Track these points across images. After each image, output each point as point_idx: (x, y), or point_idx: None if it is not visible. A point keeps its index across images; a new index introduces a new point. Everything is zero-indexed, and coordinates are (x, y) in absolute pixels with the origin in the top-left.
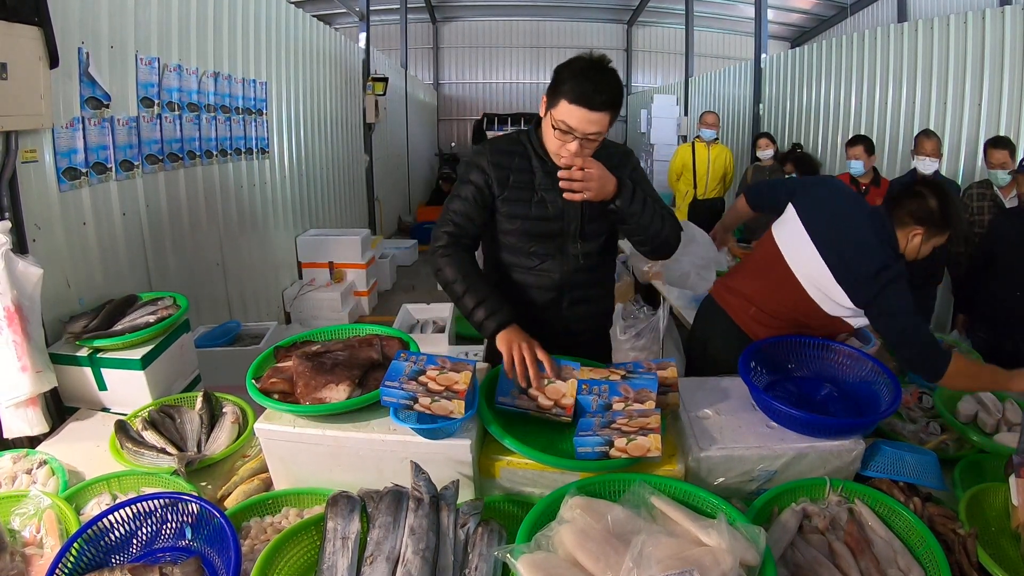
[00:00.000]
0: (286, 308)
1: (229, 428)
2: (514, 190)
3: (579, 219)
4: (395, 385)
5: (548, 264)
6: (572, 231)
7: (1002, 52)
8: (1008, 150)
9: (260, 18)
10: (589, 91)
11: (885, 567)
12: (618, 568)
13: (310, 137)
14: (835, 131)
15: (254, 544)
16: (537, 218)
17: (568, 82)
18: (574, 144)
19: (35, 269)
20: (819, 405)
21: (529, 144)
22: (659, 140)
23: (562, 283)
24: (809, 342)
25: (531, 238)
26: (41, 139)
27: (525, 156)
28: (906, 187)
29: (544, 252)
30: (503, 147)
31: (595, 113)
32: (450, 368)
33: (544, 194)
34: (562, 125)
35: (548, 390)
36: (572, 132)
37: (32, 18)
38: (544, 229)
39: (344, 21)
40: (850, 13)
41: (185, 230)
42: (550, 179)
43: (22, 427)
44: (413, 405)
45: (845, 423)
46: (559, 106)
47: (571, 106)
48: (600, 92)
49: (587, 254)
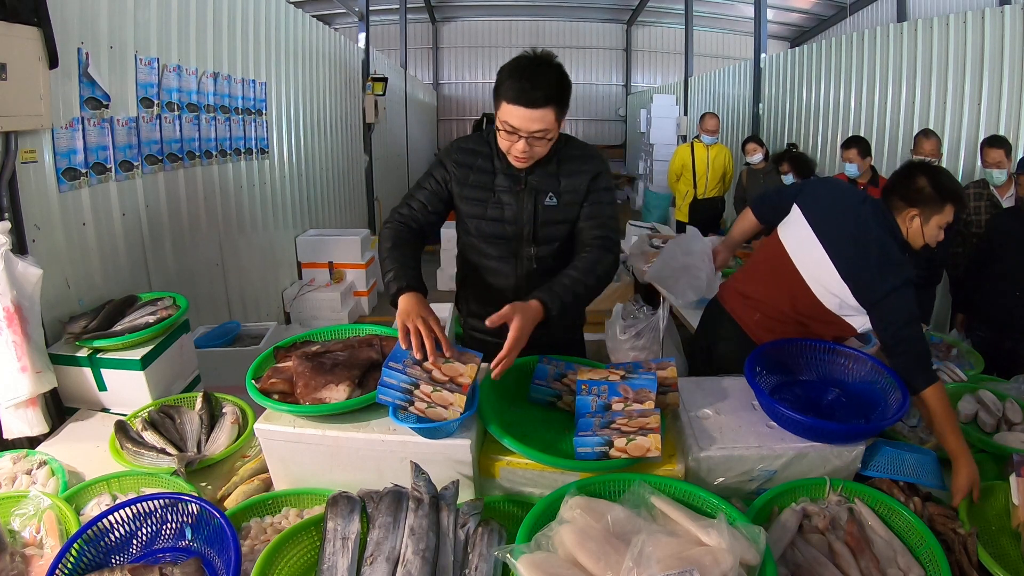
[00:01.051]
0: (286, 308)
1: (229, 428)
2: (472, 189)
3: (532, 223)
4: (399, 368)
5: (503, 266)
6: (526, 234)
7: (1002, 52)
8: (1003, 149)
9: (260, 18)
10: (526, 88)
11: (885, 567)
12: (618, 568)
13: (310, 137)
14: (835, 131)
15: (254, 544)
16: (492, 219)
17: (506, 81)
18: (521, 143)
19: (35, 270)
20: (825, 410)
21: (492, 145)
22: (658, 140)
23: (517, 286)
24: (816, 345)
25: (486, 239)
26: (41, 140)
27: (488, 157)
28: (896, 172)
29: (499, 254)
30: (468, 146)
31: (535, 111)
32: (456, 358)
33: (501, 196)
34: (506, 126)
35: (445, 368)
36: (517, 132)
37: (32, 18)
38: (499, 231)
39: (344, 21)
40: (850, 13)
41: (185, 230)
42: (509, 181)
43: (22, 428)
44: (413, 391)
45: (852, 429)
46: (501, 107)
47: (510, 106)
48: (537, 88)
49: (541, 258)
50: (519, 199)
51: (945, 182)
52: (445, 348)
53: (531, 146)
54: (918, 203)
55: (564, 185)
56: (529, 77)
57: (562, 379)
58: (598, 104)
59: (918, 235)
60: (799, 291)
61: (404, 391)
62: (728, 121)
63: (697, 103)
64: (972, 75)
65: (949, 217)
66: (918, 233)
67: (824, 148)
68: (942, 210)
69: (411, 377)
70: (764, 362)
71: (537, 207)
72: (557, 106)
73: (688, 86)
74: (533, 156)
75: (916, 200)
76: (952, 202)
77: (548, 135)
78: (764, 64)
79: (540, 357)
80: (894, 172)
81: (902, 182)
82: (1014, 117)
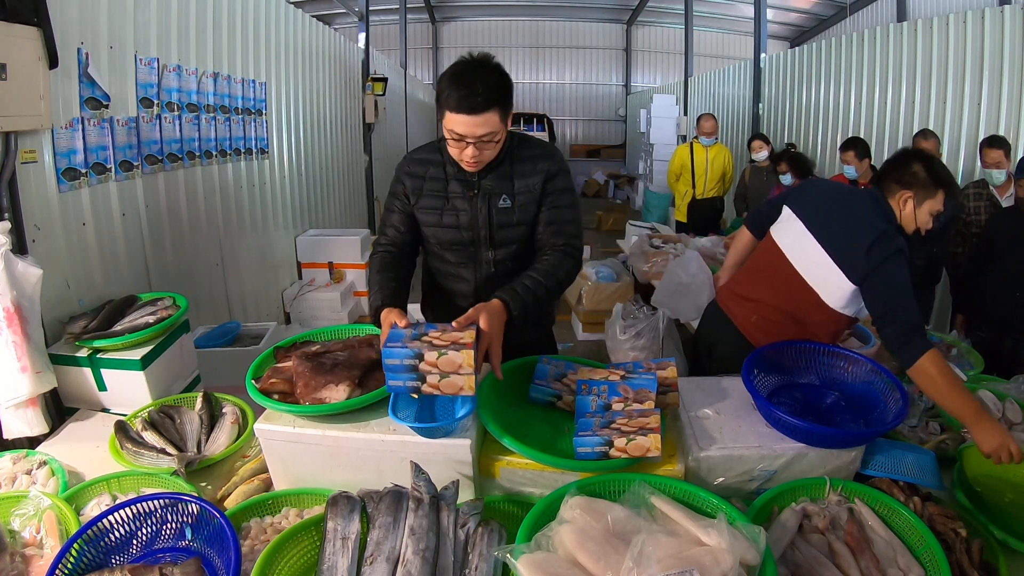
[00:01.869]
0: (286, 308)
1: (229, 428)
2: (427, 199)
3: (488, 227)
4: (397, 344)
5: (463, 271)
6: (482, 239)
7: (1001, 52)
8: (1003, 149)
9: (260, 18)
10: (466, 95)
11: (885, 567)
12: (618, 568)
13: (309, 137)
14: (834, 131)
15: (254, 544)
16: (448, 226)
17: (446, 90)
18: (470, 149)
19: (35, 270)
20: (824, 413)
21: (443, 152)
22: (658, 140)
23: (477, 289)
24: (815, 348)
25: (444, 246)
26: (40, 140)
27: (439, 165)
28: (891, 157)
29: (457, 260)
30: (419, 157)
31: (477, 116)
32: (452, 329)
33: (456, 202)
34: (452, 134)
35: (443, 336)
36: (463, 139)
37: (31, 19)
38: (455, 237)
39: (343, 21)
40: (849, 13)
41: (185, 230)
42: (461, 186)
43: (22, 428)
44: (419, 365)
45: (850, 434)
46: (445, 116)
47: (453, 114)
48: (475, 94)
49: (499, 261)
50: (473, 204)
51: (939, 169)
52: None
53: (480, 150)
54: (912, 186)
55: (518, 186)
56: (468, 83)
57: (562, 379)
58: (598, 104)
59: (911, 218)
60: (797, 288)
61: (409, 368)
62: (728, 121)
63: (697, 103)
64: (972, 75)
65: (940, 204)
66: (911, 217)
67: (824, 148)
68: (935, 195)
69: (412, 349)
70: (762, 364)
71: (491, 210)
72: (500, 107)
73: (688, 86)
74: (483, 160)
75: (910, 183)
76: (944, 189)
77: (496, 138)
78: (764, 64)
79: (540, 357)
80: (888, 158)
81: (897, 166)
82: (1014, 117)
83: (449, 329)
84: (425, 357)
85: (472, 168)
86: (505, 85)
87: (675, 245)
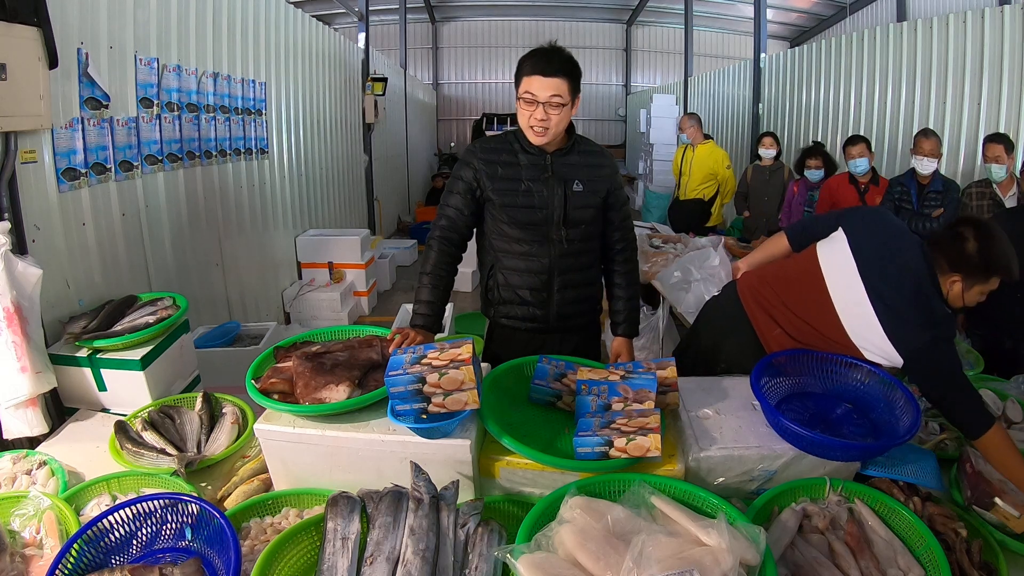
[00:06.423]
0: (286, 308)
1: (229, 429)
2: (503, 181)
3: (563, 207)
4: (399, 372)
5: (536, 249)
6: (556, 218)
7: (1001, 52)
8: (1003, 145)
9: (259, 18)
10: (542, 61)
11: (885, 567)
12: (618, 568)
13: (309, 137)
14: (835, 131)
15: (254, 544)
16: (524, 206)
17: (526, 62)
18: (539, 111)
19: (34, 270)
20: (834, 424)
21: (516, 142)
22: (658, 140)
23: (551, 267)
24: (828, 357)
25: (519, 225)
26: (40, 140)
27: (512, 152)
28: (948, 227)
29: (531, 238)
30: (492, 145)
31: (551, 79)
32: (450, 346)
33: (530, 184)
34: (526, 95)
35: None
36: (535, 99)
37: (31, 19)
38: (531, 217)
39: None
40: (849, 13)
41: (184, 230)
42: (535, 170)
43: (22, 428)
44: (423, 388)
45: (859, 447)
46: (522, 81)
47: (529, 77)
48: (551, 61)
49: (571, 240)
50: (548, 185)
51: (996, 250)
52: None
53: (548, 115)
54: (962, 269)
55: (588, 174)
56: (545, 53)
57: (562, 379)
58: (598, 104)
59: (958, 298)
60: (827, 316)
61: (414, 392)
62: (728, 121)
63: (697, 103)
64: (972, 75)
65: (994, 286)
66: (958, 297)
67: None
68: (987, 281)
69: (414, 375)
70: (772, 372)
71: (567, 192)
72: (570, 80)
73: (688, 86)
74: (550, 127)
75: (961, 266)
76: (1001, 275)
77: (563, 103)
78: (764, 64)
79: (540, 357)
80: (943, 226)
81: (952, 243)
82: (1014, 117)
83: (447, 347)
84: (427, 379)
85: (540, 138)
86: (576, 65)
87: (675, 245)
